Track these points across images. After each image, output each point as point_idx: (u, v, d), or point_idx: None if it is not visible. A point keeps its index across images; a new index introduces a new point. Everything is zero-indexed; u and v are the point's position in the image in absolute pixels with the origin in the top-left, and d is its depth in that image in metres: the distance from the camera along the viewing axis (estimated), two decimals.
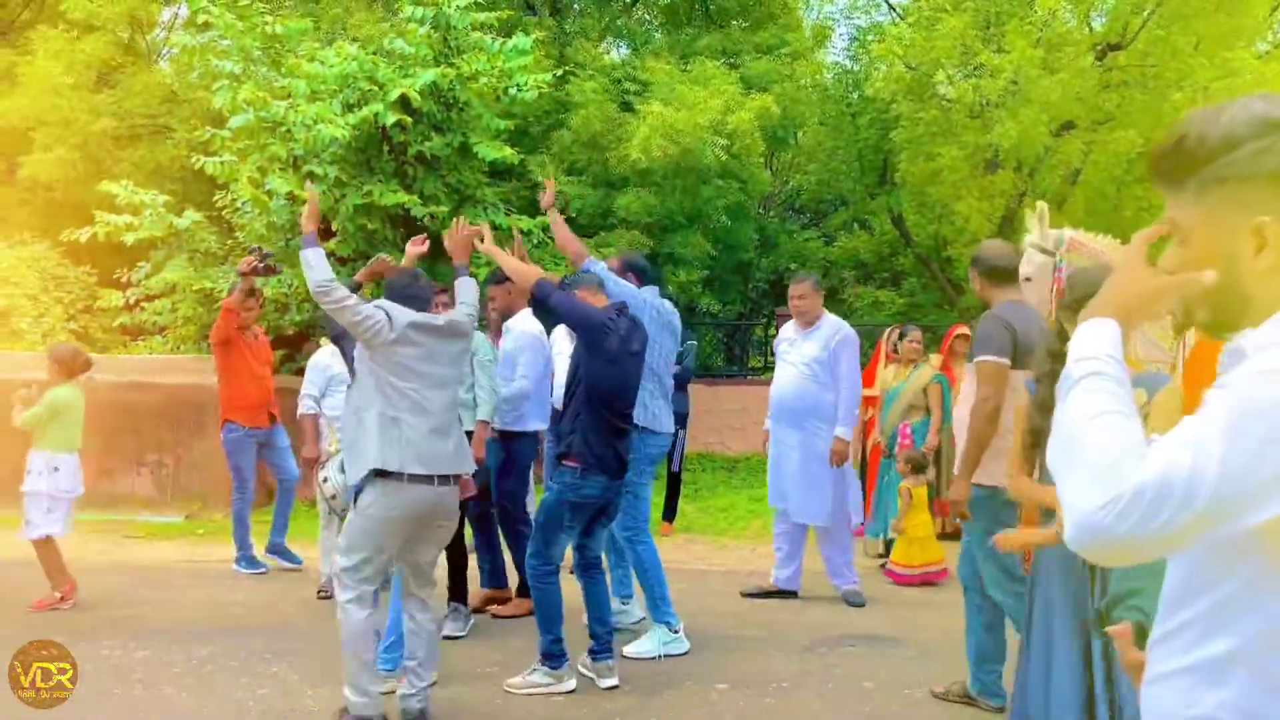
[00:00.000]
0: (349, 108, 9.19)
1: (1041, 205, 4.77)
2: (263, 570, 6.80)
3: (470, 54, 9.93)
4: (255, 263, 6.51)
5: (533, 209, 11.18)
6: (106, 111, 13.50)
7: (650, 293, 5.20)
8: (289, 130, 9.36)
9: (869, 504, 7.11)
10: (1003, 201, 12.49)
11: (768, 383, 6.25)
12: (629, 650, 4.89)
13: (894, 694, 4.41)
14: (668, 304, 5.36)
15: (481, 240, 4.56)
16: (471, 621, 5.39)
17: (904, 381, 7.18)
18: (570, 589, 4.60)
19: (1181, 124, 1.31)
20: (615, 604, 5.10)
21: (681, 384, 8.12)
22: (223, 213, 10.20)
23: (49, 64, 12.68)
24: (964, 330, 7.85)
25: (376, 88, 9.17)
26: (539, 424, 5.81)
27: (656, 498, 6.57)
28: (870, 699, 4.38)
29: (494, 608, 5.70)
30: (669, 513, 8.52)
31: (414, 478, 3.75)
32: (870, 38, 15.33)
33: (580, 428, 4.32)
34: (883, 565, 6.85)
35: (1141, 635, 1.41)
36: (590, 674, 4.52)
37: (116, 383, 8.68)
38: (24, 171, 13.59)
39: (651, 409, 5.01)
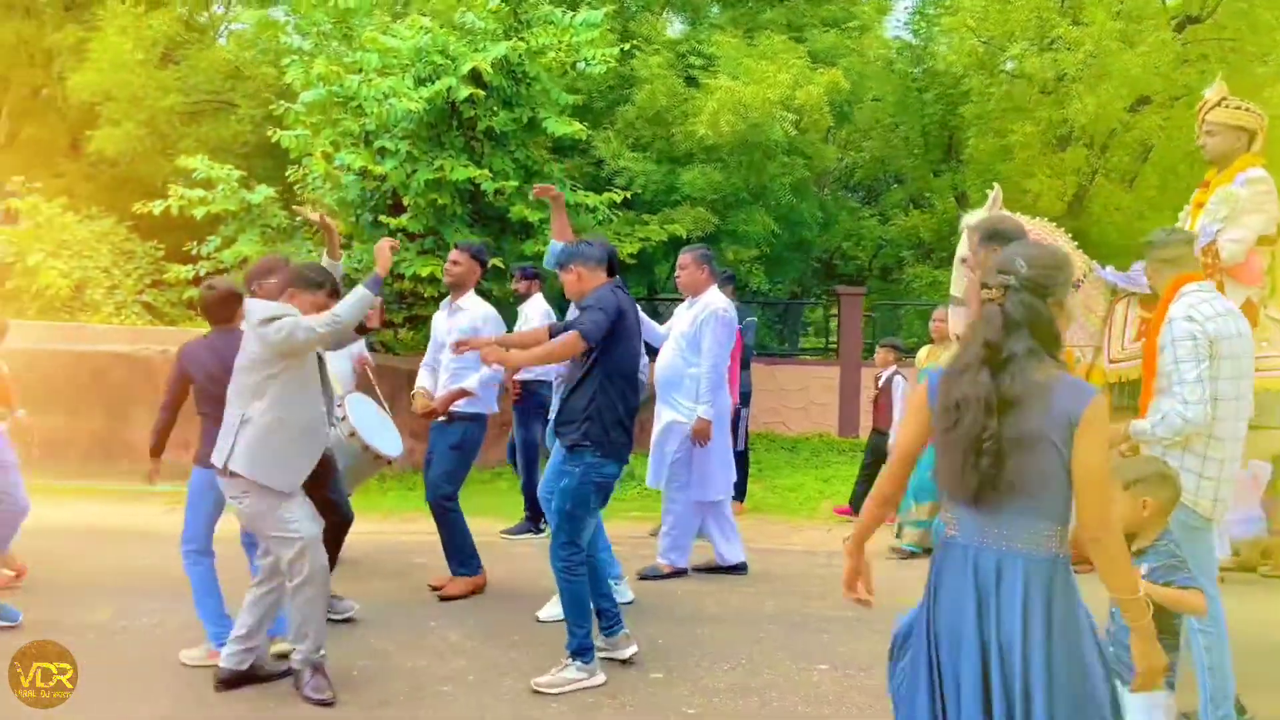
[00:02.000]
0: (421, 82, 9.17)
1: (997, 187, 4.71)
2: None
3: (539, 28, 9.87)
4: None
5: (598, 185, 11.13)
6: (172, 87, 13.62)
7: None
8: (360, 105, 9.37)
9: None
10: (1074, 179, 12.24)
11: (828, 363, 6.13)
12: (543, 613, 4.98)
13: None
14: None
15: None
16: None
17: (935, 362, 6.90)
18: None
19: None
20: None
21: (743, 362, 8.02)
22: (294, 187, 10.23)
23: (118, 39, 12.80)
24: None
25: (449, 61, 9.13)
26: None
27: None
28: None
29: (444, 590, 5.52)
30: (739, 492, 8.45)
31: None
32: (933, 10, 15.08)
33: (596, 412, 4.21)
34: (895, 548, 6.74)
35: None
36: (608, 651, 4.45)
37: None
38: (91, 146, 13.78)
39: None
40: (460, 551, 5.53)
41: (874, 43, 13.52)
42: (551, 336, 4.56)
